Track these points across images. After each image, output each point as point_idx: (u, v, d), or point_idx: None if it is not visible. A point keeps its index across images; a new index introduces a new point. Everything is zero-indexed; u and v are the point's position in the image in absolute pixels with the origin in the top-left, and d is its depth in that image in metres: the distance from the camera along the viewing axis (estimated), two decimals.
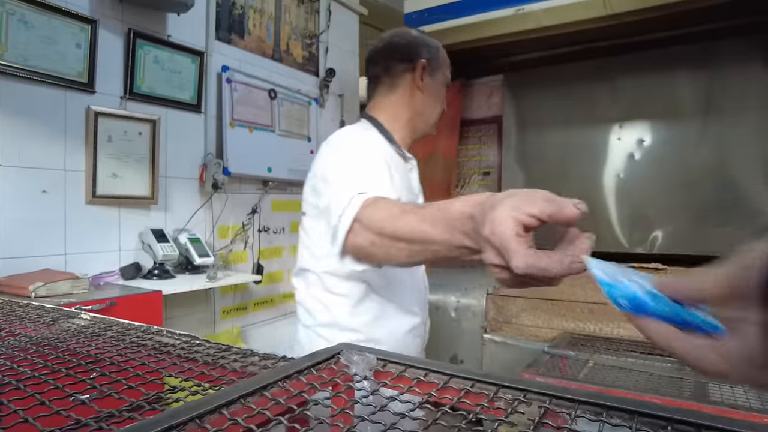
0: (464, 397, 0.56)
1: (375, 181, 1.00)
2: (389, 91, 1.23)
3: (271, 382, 0.57)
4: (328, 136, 1.21)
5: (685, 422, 0.49)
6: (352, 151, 1.10)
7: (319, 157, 1.15)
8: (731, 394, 1.45)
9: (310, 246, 1.18)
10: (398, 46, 1.21)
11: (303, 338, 1.24)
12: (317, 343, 1.16)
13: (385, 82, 1.23)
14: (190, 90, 2.32)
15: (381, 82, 1.24)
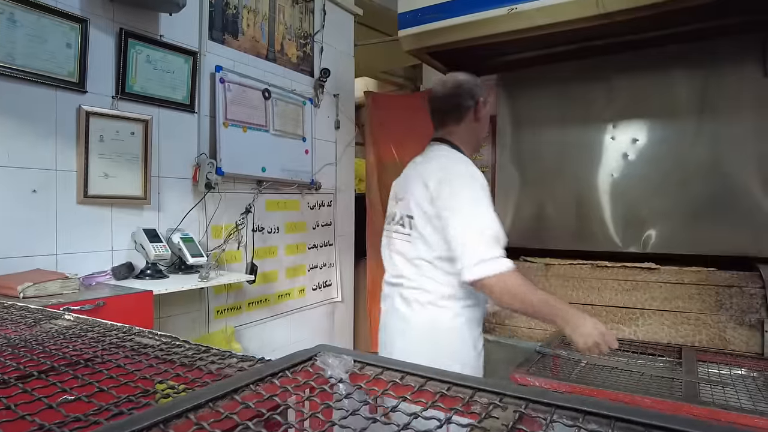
0: (439, 400, 0.56)
1: (501, 233, 1.38)
2: (457, 122, 1.60)
3: (242, 385, 0.56)
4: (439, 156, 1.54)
5: (663, 428, 0.49)
6: (476, 191, 1.40)
7: (446, 170, 1.45)
8: (722, 394, 1.45)
9: (426, 242, 1.47)
10: (465, 90, 1.59)
11: (421, 315, 1.50)
12: (442, 314, 1.48)
13: (455, 116, 1.60)
14: (183, 90, 2.31)
15: (451, 116, 1.61)
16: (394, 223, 1.61)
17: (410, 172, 1.63)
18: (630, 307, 2.14)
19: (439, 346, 1.48)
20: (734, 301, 1.96)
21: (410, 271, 1.53)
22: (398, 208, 1.60)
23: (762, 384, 1.62)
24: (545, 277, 2.35)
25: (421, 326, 1.50)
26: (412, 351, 1.47)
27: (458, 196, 1.39)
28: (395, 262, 1.60)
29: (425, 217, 1.46)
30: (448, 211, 1.39)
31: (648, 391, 1.47)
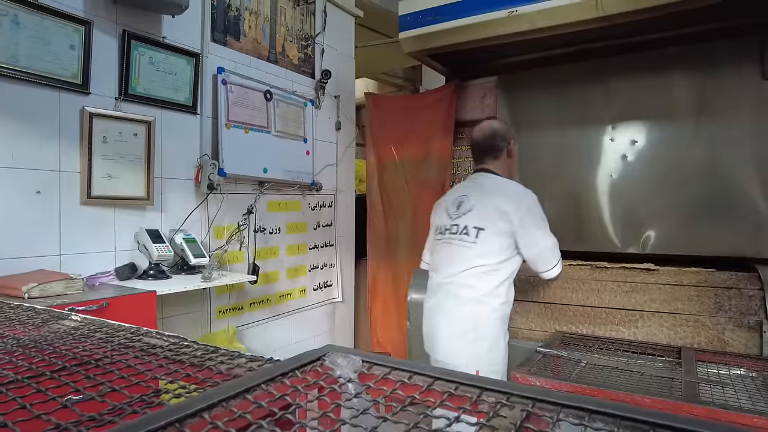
0: (447, 399, 0.57)
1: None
2: (494, 159, 1.99)
3: (254, 385, 0.57)
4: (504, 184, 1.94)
5: (667, 426, 0.50)
6: (543, 216, 1.89)
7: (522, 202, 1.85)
8: (722, 394, 1.46)
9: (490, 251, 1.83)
10: (499, 134, 1.99)
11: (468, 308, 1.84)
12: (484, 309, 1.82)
13: (492, 154, 1.99)
14: (185, 91, 2.33)
15: (489, 154, 2.00)
16: (457, 232, 1.92)
17: (473, 191, 1.95)
18: (629, 309, 2.14)
19: (479, 333, 1.83)
20: (733, 302, 1.97)
21: (464, 273, 1.85)
22: (463, 221, 1.91)
23: (761, 384, 1.63)
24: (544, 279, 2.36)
25: (466, 318, 1.84)
26: (457, 337, 1.84)
27: (537, 223, 1.85)
28: (446, 264, 1.92)
29: (498, 232, 1.83)
30: (532, 236, 1.84)
31: (648, 391, 1.48)
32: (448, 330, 1.88)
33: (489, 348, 1.82)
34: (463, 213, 1.91)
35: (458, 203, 1.95)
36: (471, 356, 1.82)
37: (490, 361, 1.83)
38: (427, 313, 2.01)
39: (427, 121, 3.17)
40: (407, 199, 3.25)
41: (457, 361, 1.81)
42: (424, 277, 2.68)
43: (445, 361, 1.87)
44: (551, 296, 2.30)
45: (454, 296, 1.87)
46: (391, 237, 3.29)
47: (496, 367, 1.85)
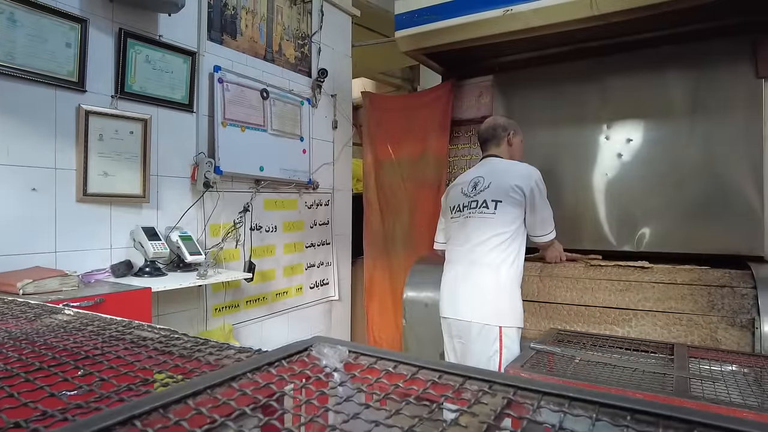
0: (430, 387, 0.58)
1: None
2: (497, 146, 2.26)
3: (239, 374, 0.58)
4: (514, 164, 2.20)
5: (645, 412, 0.51)
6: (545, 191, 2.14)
7: (531, 178, 2.10)
8: (713, 389, 1.47)
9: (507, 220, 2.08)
10: (499, 126, 2.26)
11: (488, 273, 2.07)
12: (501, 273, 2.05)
13: (494, 142, 2.26)
14: (181, 90, 2.33)
15: (491, 142, 2.27)
16: (476, 207, 2.15)
17: (487, 173, 2.19)
18: (623, 308, 2.15)
19: (500, 294, 2.06)
20: (726, 301, 1.98)
21: (484, 243, 2.08)
22: (482, 196, 2.14)
23: (752, 379, 1.64)
24: (539, 278, 2.37)
25: (490, 281, 2.06)
26: (482, 298, 2.07)
27: (542, 194, 2.10)
28: (468, 237, 2.14)
29: (513, 203, 2.07)
30: (538, 204, 2.09)
31: (640, 387, 1.49)
32: (474, 292, 2.09)
33: (509, 307, 2.06)
34: (480, 191, 2.16)
35: (474, 184, 2.19)
36: (494, 314, 2.04)
37: (511, 318, 2.05)
38: (449, 281, 2.21)
39: (424, 120, 3.18)
40: (404, 197, 3.26)
41: (483, 320, 2.05)
42: (421, 276, 2.70)
43: (469, 320, 2.09)
44: (546, 295, 2.31)
45: (479, 263, 2.09)
46: (388, 235, 3.30)
47: (516, 323, 2.06)
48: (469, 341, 2.10)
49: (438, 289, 2.55)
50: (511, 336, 2.03)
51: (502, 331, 2.01)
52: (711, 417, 0.49)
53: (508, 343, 2.02)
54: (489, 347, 2.03)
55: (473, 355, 2.09)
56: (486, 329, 2.03)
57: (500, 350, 2.02)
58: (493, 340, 2.02)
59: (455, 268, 2.18)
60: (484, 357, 2.04)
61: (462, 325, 2.11)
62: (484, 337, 2.04)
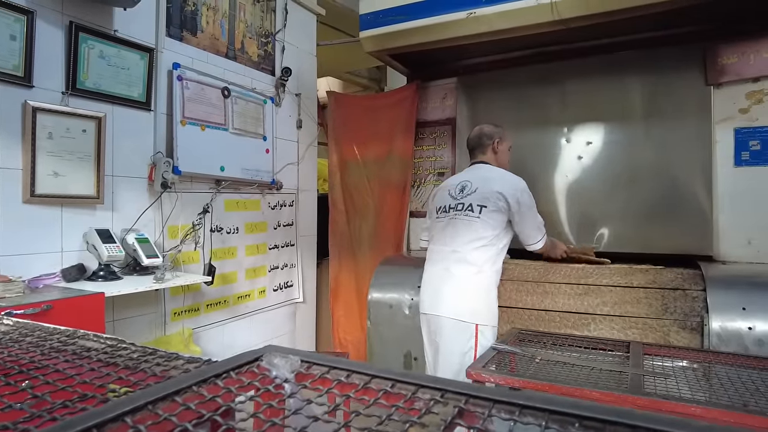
0: (382, 397, 0.57)
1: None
2: (483, 153, 2.34)
3: (184, 387, 0.55)
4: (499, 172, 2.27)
5: (592, 419, 0.51)
6: (532, 199, 2.22)
7: (516, 188, 2.18)
8: (664, 385, 1.52)
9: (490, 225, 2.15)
10: (485, 134, 2.34)
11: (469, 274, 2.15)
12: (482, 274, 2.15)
13: (481, 149, 2.34)
14: (138, 87, 2.26)
15: (478, 149, 2.35)
16: (462, 209, 2.22)
17: (474, 177, 2.27)
18: (582, 312, 2.21)
19: (478, 294, 2.15)
20: (678, 304, 2.05)
21: (467, 244, 2.16)
22: (468, 200, 2.21)
23: (701, 374, 1.70)
24: (501, 282, 2.41)
25: (470, 281, 2.15)
26: (461, 296, 2.14)
27: (528, 204, 2.19)
28: (452, 237, 2.21)
29: (497, 209, 2.15)
30: (525, 214, 2.17)
31: (597, 385, 1.52)
32: (454, 290, 2.16)
33: (486, 307, 2.14)
34: (467, 194, 2.23)
35: (461, 187, 2.27)
36: (472, 312, 2.11)
37: (487, 317, 2.13)
38: (431, 278, 2.28)
39: (389, 120, 3.18)
40: (369, 198, 3.25)
41: (460, 316, 2.11)
42: (386, 277, 2.70)
43: (447, 316, 2.15)
44: (506, 299, 2.34)
45: (462, 263, 2.17)
46: (354, 236, 3.28)
47: (491, 322, 2.14)
48: (445, 337, 2.15)
49: (402, 291, 2.56)
50: (486, 335, 2.10)
51: (478, 328, 2.09)
52: (653, 420, 0.50)
53: (483, 341, 2.08)
54: (465, 343, 2.10)
55: (449, 351, 2.15)
56: (463, 326, 2.10)
57: (475, 347, 2.09)
58: (469, 337, 2.09)
59: (438, 266, 2.25)
60: (460, 352, 2.10)
61: (441, 321, 2.17)
62: (460, 334, 2.11)
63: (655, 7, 2.15)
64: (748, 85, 2.35)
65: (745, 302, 1.92)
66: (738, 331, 1.89)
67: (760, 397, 1.42)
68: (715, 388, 1.57)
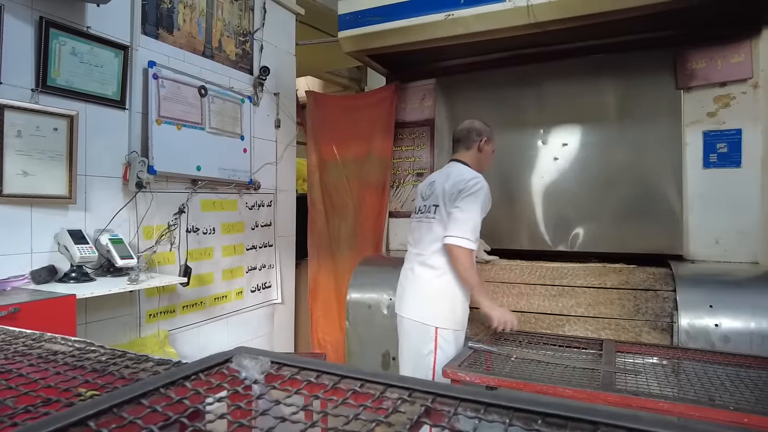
0: (351, 397, 0.57)
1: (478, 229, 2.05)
2: (467, 150, 2.23)
3: (151, 389, 0.55)
4: (461, 170, 2.14)
5: (555, 415, 0.53)
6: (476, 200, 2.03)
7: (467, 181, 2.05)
8: (635, 382, 1.56)
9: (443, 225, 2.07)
10: (474, 129, 2.23)
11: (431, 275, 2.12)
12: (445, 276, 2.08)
13: (465, 144, 2.23)
14: (113, 85, 2.22)
15: (462, 144, 2.24)
16: (425, 211, 2.21)
17: (438, 177, 2.23)
18: (557, 313, 2.25)
19: (439, 297, 2.10)
20: (649, 305, 2.11)
21: (428, 246, 2.13)
22: (428, 201, 2.20)
23: (670, 370, 1.75)
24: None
25: (430, 284, 2.11)
26: (421, 299, 2.12)
27: (466, 200, 2.04)
28: (419, 240, 2.20)
29: (445, 208, 2.09)
30: (458, 207, 2.04)
31: (570, 383, 1.55)
32: (416, 292, 2.15)
33: (448, 309, 2.08)
34: (429, 195, 2.22)
35: (429, 188, 2.25)
36: (431, 314, 2.08)
37: (448, 320, 2.07)
38: (400, 279, 2.28)
39: (368, 120, 3.18)
40: (349, 198, 3.25)
41: (421, 318, 2.09)
42: (364, 277, 2.70)
43: (409, 317, 2.14)
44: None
45: (423, 265, 2.15)
46: (333, 236, 3.28)
47: (453, 326, 2.07)
48: (408, 338, 2.16)
49: (381, 291, 2.57)
50: (446, 338, 2.05)
51: (438, 332, 2.04)
52: (614, 417, 0.51)
53: (443, 344, 2.04)
54: (424, 346, 2.07)
55: (410, 352, 2.15)
56: (423, 328, 2.07)
57: (435, 351, 2.04)
58: (429, 340, 2.06)
59: (406, 267, 2.27)
60: (420, 356, 2.09)
61: (403, 322, 2.17)
62: (420, 336, 2.08)
63: (629, 12, 2.20)
64: (716, 90, 2.42)
65: (712, 300, 1.98)
66: (705, 328, 1.95)
67: (725, 392, 1.47)
68: (683, 384, 1.62)
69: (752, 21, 2.32)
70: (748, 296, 1.96)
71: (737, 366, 1.67)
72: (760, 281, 2.11)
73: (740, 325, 1.89)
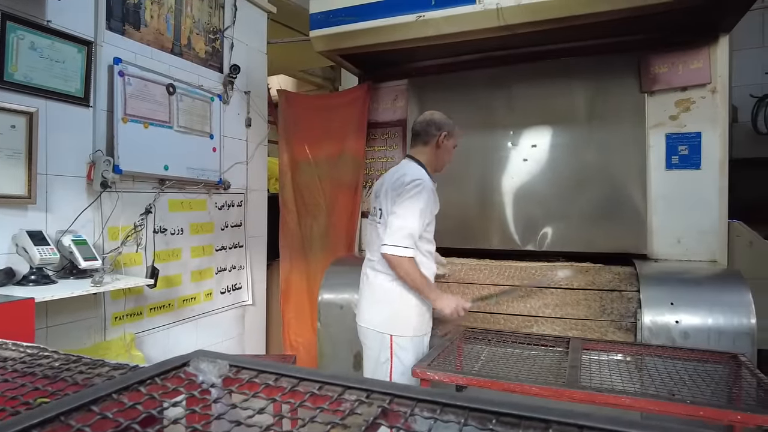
0: (309, 400, 0.57)
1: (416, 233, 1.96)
2: (424, 145, 2.11)
3: (103, 395, 0.54)
4: (405, 170, 2.06)
5: (509, 414, 0.53)
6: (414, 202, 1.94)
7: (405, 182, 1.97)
8: (599, 378, 1.60)
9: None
10: (434, 123, 2.09)
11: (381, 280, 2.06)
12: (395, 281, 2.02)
13: (423, 139, 2.11)
14: (76, 82, 2.15)
15: (420, 138, 2.12)
16: (373, 214, 2.16)
17: (387, 177, 2.14)
18: (525, 314, 2.28)
19: (390, 304, 2.04)
20: (615, 305, 2.16)
21: (377, 250, 2.04)
22: (376, 203, 2.15)
23: (633, 367, 1.80)
24: (446, 284, 2.45)
25: (380, 290, 2.07)
26: (373, 305, 2.10)
27: (403, 205, 1.95)
28: (369, 244, 2.18)
29: (387, 212, 2.03)
30: (394, 213, 1.97)
31: (536, 380, 1.58)
32: (369, 299, 2.12)
33: (403, 316, 2.02)
34: (377, 196, 2.16)
35: (379, 188, 2.18)
36: (385, 322, 2.03)
37: (404, 327, 2.02)
38: (359, 285, 2.24)
39: (341, 120, 3.17)
40: (321, 198, 3.23)
41: (376, 326, 2.05)
42: (336, 277, 2.69)
43: (365, 326, 2.11)
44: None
45: (373, 270, 2.11)
46: (305, 237, 3.26)
47: (408, 333, 2.02)
48: (367, 347, 2.13)
49: (353, 291, 2.56)
50: (402, 345, 2.00)
51: (393, 339, 2.00)
52: (565, 415, 0.52)
53: (398, 352, 2.00)
54: (381, 354, 2.03)
55: (370, 361, 2.12)
56: (378, 336, 2.03)
57: (391, 359, 2.00)
58: (384, 348, 2.01)
59: (361, 273, 2.22)
60: (378, 364, 2.05)
61: (361, 331, 2.14)
62: (377, 344, 2.04)
63: (595, 17, 2.25)
64: (678, 94, 2.50)
65: (673, 298, 2.04)
66: (667, 324, 2.01)
67: (683, 386, 1.52)
68: (645, 379, 1.67)
69: (711, 28, 2.40)
70: (706, 294, 2.03)
71: (695, 361, 1.73)
72: (718, 279, 2.18)
73: (699, 321, 1.96)
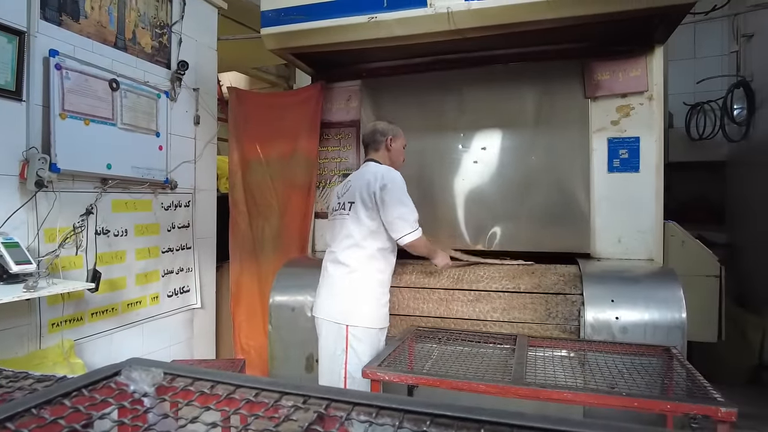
0: (244, 407, 0.56)
1: (416, 215, 2.18)
2: (375, 150, 2.35)
3: (21, 411, 0.51)
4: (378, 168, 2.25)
5: (443, 416, 0.55)
6: (404, 189, 2.17)
7: (382, 179, 2.15)
8: (543, 374, 1.65)
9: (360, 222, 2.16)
10: (378, 131, 2.35)
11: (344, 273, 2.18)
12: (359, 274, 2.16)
13: (374, 146, 2.35)
14: (6, 74, 2.03)
15: (371, 146, 2.36)
16: (339, 209, 2.26)
17: (354, 176, 2.31)
18: (474, 318, 2.33)
19: (349, 294, 2.14)
20: (560, 309, 2.24)
21: (341, 242, 2.19)
22: (344, 198, 2.25)
23: (577, 362, 1.87)
24: (398, 290, 2.46)
25: (342, 279, 2.16)
26: (331, 297, 2.18)
27: (395, 195, 2.12)
28: (333, 238, 2.26)
29: (363, 205, 2.15)
30: (387, 202, 2.11)
31: (483, 378, 1.62)
32: (328, 290, 2.21)
33: (361, 307, 2.12)
34: (344, 193, 2.28)
35: (345, 187, 2.32)
36: (342, 312, 2.12)
37: (360, 318, 2.10)
38: (319, 280, 2.31)
39: (294, 119, 3.13)
40: (273, 198, 3.18)
41: (332, 317, 2.13)
42: (288, 279, 2.67)
43: (322, 317, 2.19)
44: (404, 307, 2.43)
45: (335, 263, 2.21)
46: (256, 238, 3.20)
47: (364, 324, 2.10)
48: (323, 339, 2.19)
49: (305, 293, 2.55)
50: (358, 336, 2.08)
51: (348, 330, 2.08)
52: (498, 415, 0.54)
53: (354, 342, 2.07)
54: (337, 346, 2.11)
55: (326, 354, 2.17)
56: (335, 327, 2.12)
57: (346, 350, 2.08)
58: (340, 339, 2.09)
59: (322, 267, 2.31)
60: (333, 356, 2.12)
61: (318, 322, 2.21)
62: (332, 335, 2.12)
63: (540, 24, 2.32)
64: (618, 100, 2.62)
65: (613, 295, 2.14)
66: (607, 321, 2.10)
67: (621, 379, 1.60)
68: (587, 374, 1.74)
69: (647, 39, 2.53)
70: (643, 290, 2.14)
71: (633, 354, 1.82)
72: (654, 277, 2.30)
73: (636, 317, 2.06)
